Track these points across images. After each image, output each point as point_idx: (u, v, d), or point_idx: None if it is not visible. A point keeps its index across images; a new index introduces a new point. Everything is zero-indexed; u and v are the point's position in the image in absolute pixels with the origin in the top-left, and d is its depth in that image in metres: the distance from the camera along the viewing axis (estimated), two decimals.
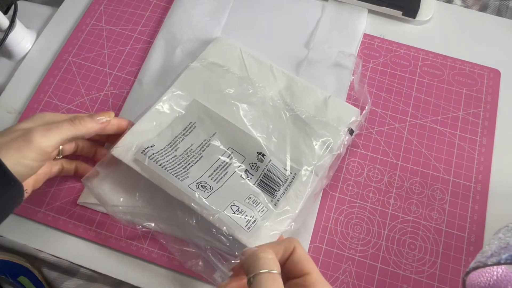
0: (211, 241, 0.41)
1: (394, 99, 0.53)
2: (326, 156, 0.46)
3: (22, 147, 0.36)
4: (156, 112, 0.47)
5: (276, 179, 0.45)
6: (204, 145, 0.46)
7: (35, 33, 0.58)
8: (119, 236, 0.46)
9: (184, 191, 0.42)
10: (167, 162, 0.44)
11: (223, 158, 0.45)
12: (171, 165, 0.44)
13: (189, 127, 0.47)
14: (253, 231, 0.41)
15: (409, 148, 0.50)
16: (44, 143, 0.37)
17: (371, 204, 0.48)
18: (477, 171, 0.49)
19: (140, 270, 0.45)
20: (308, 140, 0.47)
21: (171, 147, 0.45)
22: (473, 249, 0.46)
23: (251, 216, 0.42)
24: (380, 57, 0.55)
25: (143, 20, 0.58)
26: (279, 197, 0.44)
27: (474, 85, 0.54)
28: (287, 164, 0.46)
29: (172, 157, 0.44)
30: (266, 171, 0.45)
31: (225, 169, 0.45)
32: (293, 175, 0.45)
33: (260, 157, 0.45)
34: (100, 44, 0.56)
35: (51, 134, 0.38)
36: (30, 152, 0.37)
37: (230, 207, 0.42)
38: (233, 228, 0.41)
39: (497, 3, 0.61)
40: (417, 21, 0.58)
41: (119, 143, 0.44)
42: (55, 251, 0.46)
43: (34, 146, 0.37)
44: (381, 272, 0.45)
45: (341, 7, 0.58)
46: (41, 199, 0.47)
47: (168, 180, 0.42)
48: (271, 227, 0.42)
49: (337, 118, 0.48)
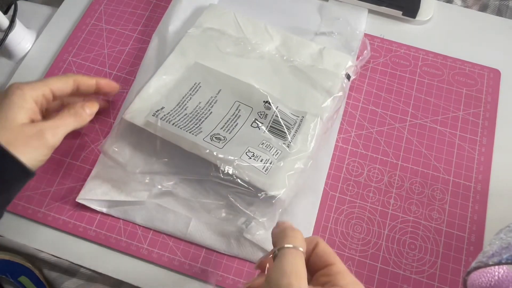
0: (231, 188, 0.42)
1: (394, 99, 0.53)
2: (328, 99, 0.48)
3: (38, 147, 0.40)
4: (160, 77, 0.48)
5: (285, 123, 0.46)
6: (211, 101, 0.47)
7: (35, 33, 0.58)
8: (119, 236, 0.46)
9: (199, 144, 0.43)
10: (179, 121, 0.45)
11: (232, 111, 0.47)
12: (183, 123, 0.45)
13: (194, 87, 0.48)
14: (270, 173, 0.43)
15: (409, 148, 0.50)
16: (55, 142, 0.41)
17: (371, 204, 0.48)
18: (477, 171, 0.49)
19: (140, 270, 0.45)
20: (309, 87, 0.49)
21: (180, 107, 0.47)
22: (473, 249, 0.46)
23: (266, 160, 0.43)
24: (380, 57, 0.55)
25: (143, 20, 0.58)
26: (291, 140, 0.45)
27: (474, 85, 0.54)
28: (293, 109, 0.48)
29: (183, 115, 0.46)
30: (274, 117, 0.46)
31: (235, 121, 0.46)
32: (301, 118, 0.47)
33: (267, 105, 0.47)
34: (100, 44, 0.56)
35: (60, 132, 0.42)
36: (44, 150, 0.41)
37: (245, 154, 0.43)
38: (250, 174, 0.42)
39: (497, 3, 0.61)
40: (417, 21, 0.58)
41: (129, 108, 0.46)
42: (55, 251, 0.46)
43: (48, 145, 0.41)
44: (381, 272, 0.45)
45: (341, 7, 0.58)
46: (41, 199, 0.47)
47: (183, 136, 0.43)
48: (287, 167, 0.43)
49: (334, 64, 0.50)
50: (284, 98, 0.48)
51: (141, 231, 0.46)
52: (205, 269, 0.44)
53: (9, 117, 0.39)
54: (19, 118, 0.39)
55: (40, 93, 0.42)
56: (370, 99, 0.53)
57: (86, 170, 0.48)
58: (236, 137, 0.45)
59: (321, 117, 0.47)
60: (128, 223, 0.46)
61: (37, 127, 0.40)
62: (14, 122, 0.39)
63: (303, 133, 0.46)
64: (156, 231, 0.46)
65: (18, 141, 0.39)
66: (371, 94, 0.53)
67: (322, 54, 0.51)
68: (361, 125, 0.51)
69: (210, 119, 0.46)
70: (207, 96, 0.48)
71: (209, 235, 0.45)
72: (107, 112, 0.52)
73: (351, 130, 0.51)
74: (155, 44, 0.55)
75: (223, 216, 0.44)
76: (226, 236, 0.45)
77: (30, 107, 0.41)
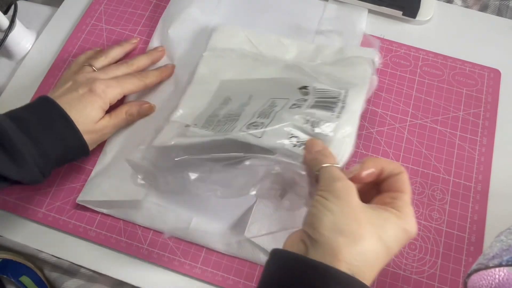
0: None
1: (395, 99, 0.53)
2: (365, 78, 0.45)
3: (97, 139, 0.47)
4: (184, 108, 0.46)
5: (330, 96, 0.42)
6: (244, 105, 0.44)
7: (35, 33, 0.58)
8: (119, 236, 0.46)
9: (237, 135, 0.39)
10: (212, 129, 0.42)
11: (267, 104, 0.43)
12: (217, 128, 0.42)
13: (224, 102, 0.46)
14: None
15: (409, 148, 0.50)
16: (107, 137, 0.49)
17: None
18: (477, 171, 0.49)
19: (140, 270, 0.45)
20: (342, 70, 0.47)
21: (211, 117, 0.44)
22: (473, 249, 0.46)
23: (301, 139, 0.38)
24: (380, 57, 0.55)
25: (143, 20, 0.58)
26: (340, 110, 0.41)
27: (474, 85, 0.54)
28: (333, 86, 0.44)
29: (215, 122, 0.43)
30: (316, 94, 0.43)
31: (272, 108, 0.42)
32: (345, 92, 0.43)
33: (304, 90, 0.44)
34: (100, 44, 0.56)
35: (114, 130, 0.49)
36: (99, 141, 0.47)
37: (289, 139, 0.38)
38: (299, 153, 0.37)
39: (497, 3, 0.61)
40: (417, 21, 0.58)
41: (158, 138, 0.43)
42: (55, 251, 0.46)
43: (103, 139, 0.48)
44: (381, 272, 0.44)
45: (341, 7, 0.58)
46: (41, 199, 0.47)
47: (219, 138, 0.40)
48: (343, 133, 0.39)
49: (359, 57, 0.48)
50: (319, 82, 0.45)
51: (141, 231, 0.46)
52: (205, 269, 0.44)
53: (89, 114, 0.44)
54: (96, 116, 0.45)
55: (116, 97, 0.47)
56: (370, 99, 0.53)
57: (86, 171, 0.48)
58: (276, 120, 0.40)
59: (361, 94, 0.44)
60: (128, 223, 0.46)
61: (103, 124, 0.46)
62: (91, 118, 0.44)
63: (350, 103, 0.42)
64: (156, 231, 0.46)
65: (87, 132, 0.44)
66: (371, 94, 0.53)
67: (344, 50, 0.50)
68: (361, 125, 0.51)
69: (244, 115, 0.42)
70: (239, 103, 0.45)
71: (210, 235, 0.45)
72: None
73: None
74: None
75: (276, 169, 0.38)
76: (226, 236, 0.45)
77: (105, 108, 0.46)
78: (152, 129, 0.46)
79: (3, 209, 0.47)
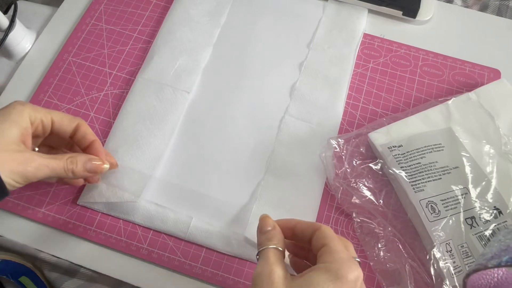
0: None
1: (395, 99, 0.53)
2: None
3: (17, 173, 0.36)
4: (415, 120, 0.48)
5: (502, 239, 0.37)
6: (445, 170, 0.45)
7: (35, 33, 0.58)
8: (119, 236, 0.46)
9: (414, 204, 0.43)
10: (409, 167, 0.45)
11: (457, 193, 0.44)
12: (412, 170, 0.44)
13: (437, 146, 0.46)
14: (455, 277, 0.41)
15: None
16: (33, 179, 0.38)
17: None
18: None
19: (140, 270, 0.45)
20: None
21: (418, 152, 0.45)
22: None
23: (456, 265, 0.41)
24: (380, 57, 0.55)
25: (143, 20, 0.58)
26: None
27: (474, 85, 0.54)
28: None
29: (416, 162, 0.45)
30: (495, 229, 0.42)
31: (455, 204, 0.43)
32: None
33: (496, 212, 0.43)
34: (100, 44, 0.56)
35: (43, 173, 0.38)
36: (20, 179, 0.37)
37: (446, 244, 0.42)
38: (443, 270, 0.41)
39: (497, 3, 0.61)
40: (417, 21, 0.58)
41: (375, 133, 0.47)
42: (55, 251, 0.46)
43: (25, 177, 0.37)
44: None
45: (341, 7, 0.58)
46: (41, 199, 0.47)
47: (404, 186, 0.44)
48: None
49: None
50: None
51: (141, 231, 0.46)
52: (205, 269, 0.44)
53: (1, 129, 0.37)
54: (10, 134, 0.37)
55: (39, 116, 0.39)
56: (370, 99, 0.53)
57: None
58: (447, 219, 0.42)
59: None
60: (128, 223, 0.46)
61: (26, 155, 0.37)
62: (4, 136, 0.37)
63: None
64: (156, 231, 0.46)
65: (2, 158, 0.36)
66: (371, 94, 0.53)
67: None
68: (361, 125, 0.51)
69: (436, 184, 0.44)
70: (444, 162, 0.45)
71: (210, 235, 0.45)
72: (107, 112, 0.52)
73: (351, 130, 0.51)
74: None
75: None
76: (226, 236, 0.45)
77: (24, 126, 0.38)
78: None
79: (3, 209, 0.47)
